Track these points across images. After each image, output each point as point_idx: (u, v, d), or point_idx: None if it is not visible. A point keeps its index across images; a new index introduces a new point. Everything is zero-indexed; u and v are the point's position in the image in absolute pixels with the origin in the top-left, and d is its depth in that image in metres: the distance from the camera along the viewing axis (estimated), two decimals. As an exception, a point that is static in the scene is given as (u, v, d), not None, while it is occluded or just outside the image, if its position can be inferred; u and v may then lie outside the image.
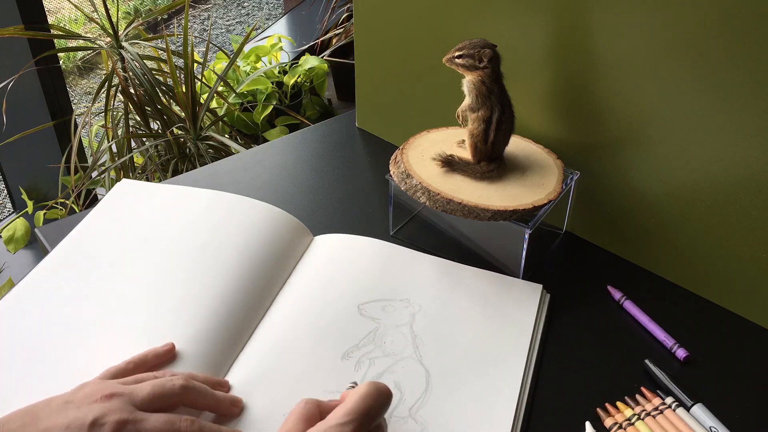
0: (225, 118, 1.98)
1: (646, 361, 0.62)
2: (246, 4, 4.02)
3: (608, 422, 0.57)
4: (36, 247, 1.85)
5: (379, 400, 0.49)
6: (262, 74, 2.11)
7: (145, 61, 1.63)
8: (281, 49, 2.36)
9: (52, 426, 0.47)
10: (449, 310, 0.66)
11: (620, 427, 0.56)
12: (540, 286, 0.70)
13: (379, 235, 0.78)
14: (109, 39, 1.65)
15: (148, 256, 0.70)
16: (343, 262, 0.71)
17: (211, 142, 1.65)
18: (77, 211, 1.69)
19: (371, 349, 0.62)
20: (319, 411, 0.50)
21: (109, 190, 1.58)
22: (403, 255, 0.73)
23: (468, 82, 0.70)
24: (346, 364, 0.60)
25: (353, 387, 0.54)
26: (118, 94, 1.62)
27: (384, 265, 0.71)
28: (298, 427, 0.48)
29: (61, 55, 2.66)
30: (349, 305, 0.66)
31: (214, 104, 2.03)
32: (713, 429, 0.56)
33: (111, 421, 0.48)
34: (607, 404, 0.58)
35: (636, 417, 0.57)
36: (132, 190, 0.80)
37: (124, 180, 0.81)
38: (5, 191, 2.25)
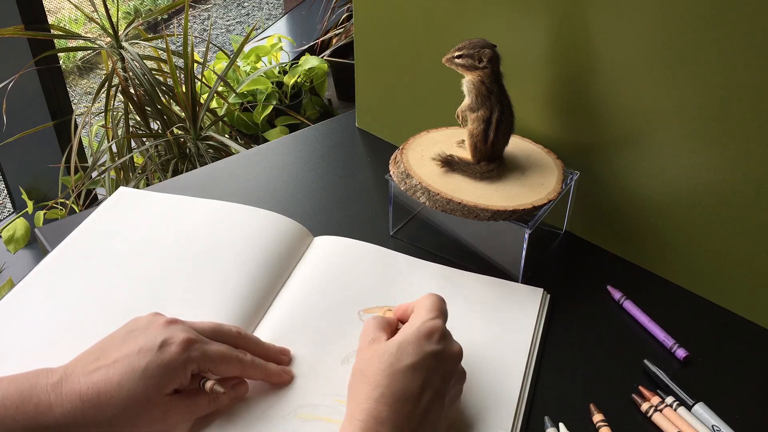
0: (225, 118, 1.98)
1: (646, 361, 0.62)
2: (246, 4, 4.02)
3: (595, 418, 0.57)
4: (36, 247, 1.85)
5: (442, 300, 0.57)
6: (262, 74, 2.11)
7: (145, 61, 1.63)
8: (281, 49, 2.36)
9: (126, 352, 0.50)
10: (449, 315, 0.66)
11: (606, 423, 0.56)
12: (540, 290, 0.69)
13: (379, 235, 0.78)
14: (109, 39, 1.65)
15: (148, 259, 0.70)
16: (342, 268, 0.71)
17: (211, 142, 1.65)
18: (77, 211, 1.69)
19: None
20: (388, 322, 0.56)
21: (109, 190, 1.60)
22: (402, 261, 0.73)
23: (468, 82, 0.70)
24: (346, 369, 0.60)
25: (390, 310, 0.60)
26: (118, 94, 1.62)
27: (383, 271, 0.71)
28: (380, 335, 0.54)
29: (61, 55, 2.66)
30: (348, 311, 0.66)
31: (214, 104, 2.03)
32: (716, 428, 0.56)
33: (179, 341, 0.51)
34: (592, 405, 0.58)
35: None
36: (130, 197, 0.80)
37: (121, 188, 0.81)
38: (5, 191, 2.25)
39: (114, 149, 1.66)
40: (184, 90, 1.62)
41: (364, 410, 0.48)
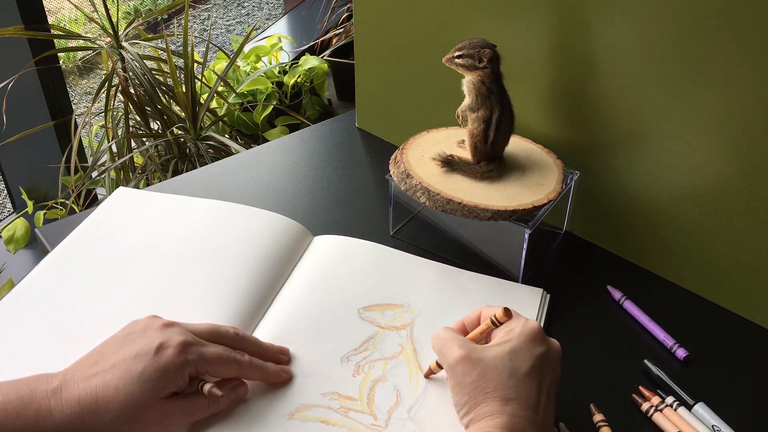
0: (225, 118, 1.97)
1: (646, 361, 0.62)
2: (246, 4, 4.02)
3: (597, 418, 0.57)
4: (36, 247, 1.85)
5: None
6: (262, 74, 2.11)
7: (145, 61, 1.63)
8: (281, 49, 2.36)
9: (123, 356, 0.51)
10: (449, 314, 0.66)
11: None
12: (540, 290, 0.69)
13: (379, 235, 0.78)
14: (109, 39, 1.65)
15: (147, 259, 0.70)
16: (342, 266, 0.71)
17: (211, 142, 1.65)
18: (77, 211, 1.69)
19: (370, 353, 0.61)
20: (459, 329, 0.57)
21: (109, 190, 1.59)
22: (402, 259, 0.73)
23: (468, 82, 0.70)
24: (345, 367, 0.60)
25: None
26: (118, 94, 1.62)
27: (383, 269, 0.71)
28: (467, 343, 0.52)
29: (61, 55, 2.66)
30: (348, 309, 0.66)
31: (214, 104, 2.03)
32: (716, 428, 0.56)
33: (176, 343, 0.52)
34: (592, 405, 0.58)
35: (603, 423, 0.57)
36: (129, 197, 0.80)
37: (121, 188, 0.81)
38: (5, 191, 2.25)
39: (114, 149, 1.66)
40: (184, 90, 1.62)
41: (499, 424, 0.48)
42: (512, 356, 0.51)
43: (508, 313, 0.53)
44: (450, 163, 0.72)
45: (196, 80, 1.65)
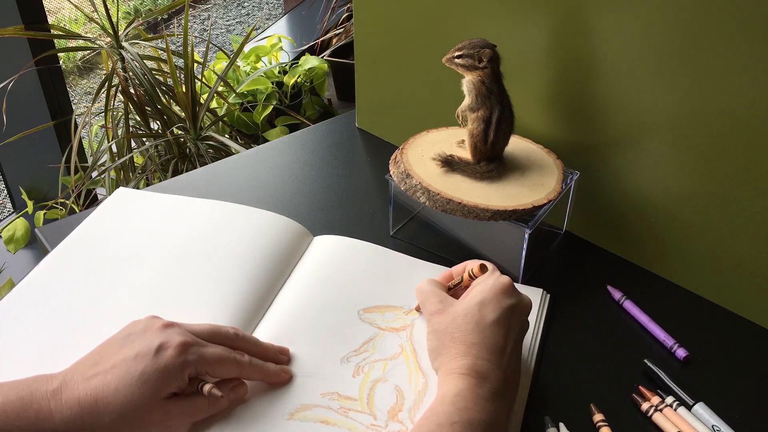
0: (225, 118, 1.97)
1: (646, 361, 0.62)
2: (246, 4, 4.02)
3: (597, 418, 0.57)
4: (36, 247, 1.85)
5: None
6: (262, 74, 2.11)
7: (145, 61, 1.63)
8: (281, 49, 2.36)
9: (123, 357, 0.51)
10: None
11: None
12: (540, 290, 0.69)
13: (379, 235, 0.78)
14: (109, 39, 1.65)
15: (147, 259, 0.70)
16: (342, 267, 0.71)
17: (211, 142, 1.65)
18: (77, 211, 1.69)
19: (370, 354, 0.61)
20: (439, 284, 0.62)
21: (109, 190, 1.60)
22: (402, 261, 0.73)
23: (468, 82, 0.70)
24: (344, 368, 0.60)
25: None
26: (118, 94, 1.62)
27: (383, 271, 0.71)
28: (445, 296, 0.59)
29: (61, 55, 2.66)
30: (348, 311, 0.66)
31: (214, 104, 2.03)
32: (716, 428, 0.56)
33: (176, 344, 0.52)
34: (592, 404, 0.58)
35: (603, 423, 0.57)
36: (129, 198, 0.80)
37: (120, 188, 0.81)
38: (5, 191, 2.25)
39: (114, 149, 1.66)
40: (184, 90, 1.62)
41: (463, 365, 0.52)
42: (481, 306, 0.55)
43: (483, 269, 0.59)
44: (450, 163, 0.72)
45: (196, 80, 1.65)
